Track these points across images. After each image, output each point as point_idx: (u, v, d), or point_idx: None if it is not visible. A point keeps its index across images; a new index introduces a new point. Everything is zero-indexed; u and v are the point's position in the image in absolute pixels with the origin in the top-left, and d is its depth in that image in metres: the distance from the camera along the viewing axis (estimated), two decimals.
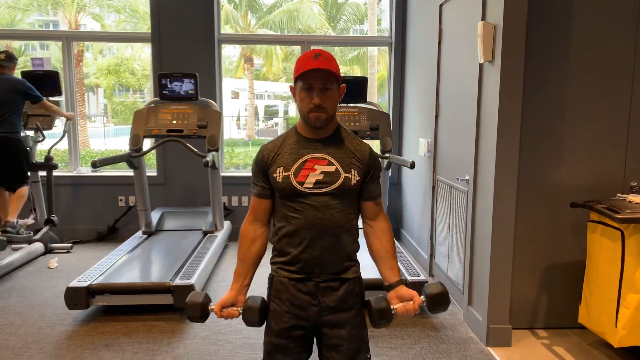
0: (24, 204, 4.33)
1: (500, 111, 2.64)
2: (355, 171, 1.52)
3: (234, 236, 4.94)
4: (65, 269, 4.08)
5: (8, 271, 3.92)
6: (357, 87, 4.31)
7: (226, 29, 13.90)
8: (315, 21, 14.66)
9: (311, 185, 1.48)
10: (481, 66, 2.86)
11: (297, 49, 5.59)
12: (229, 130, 14.22)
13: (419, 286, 3.15)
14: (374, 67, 13.07)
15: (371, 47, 12.87)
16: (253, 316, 1.55)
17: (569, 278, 2.90)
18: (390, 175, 4.70)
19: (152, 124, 4.12)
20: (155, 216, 4.62)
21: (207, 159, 3.73)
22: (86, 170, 5.15)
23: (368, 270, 3.53)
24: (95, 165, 3.42)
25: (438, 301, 1.50)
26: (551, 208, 2.87)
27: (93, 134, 13.87)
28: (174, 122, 4.13)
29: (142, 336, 2.88)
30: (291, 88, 1.56)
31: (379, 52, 12.47)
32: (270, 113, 17.88)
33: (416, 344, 2.79)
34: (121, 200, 5.05)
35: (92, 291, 3.06)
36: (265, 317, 1.59)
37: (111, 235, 5.03)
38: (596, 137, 2.83)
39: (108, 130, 15.40)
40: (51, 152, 4.54)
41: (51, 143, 4.57)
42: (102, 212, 5.03)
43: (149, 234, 4.38)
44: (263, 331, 1.62)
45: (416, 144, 4.38)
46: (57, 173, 4.70)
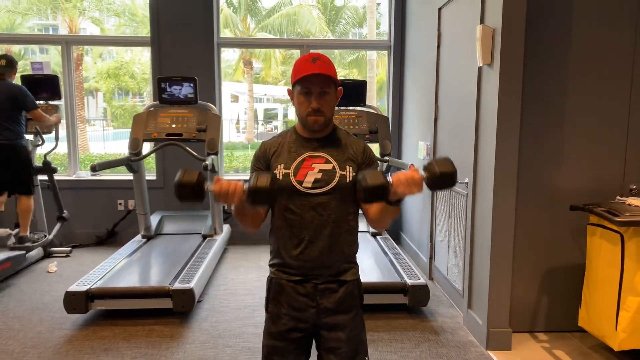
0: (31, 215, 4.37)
1: (499, 114, 2.64)
2: (350, 167, 1.53)
3: (234, 240, 4.94)
4: (64, 273, 4.07)
5: (7, 275, 3.91)
6: (356, 91, 4.32)
7: (225, 33, 13.93)
8: (314, 25, 14.70)
9: (310, 184, 1.49)
10: (480, 69, 2.86)
11: (296, 53, 5.60)
12: (229, 133, 14.23)
13: (419, 289, 3.15)
14: (373, 71, 13.10)
15: (370, 51, 12.91)
16: (264, 181, 1.28)
17: (569, 281, 2.90)
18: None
19: (152, 128, 4.12)
20: (154, 220, 4.61)
21: (207, 163, 3.73)
22: (85, 174, 5.15)
23: (367, 273, 3.52)
24: (94, 169, 3.42)
25: (439, 165, 1.31)
26: (551, 211, 2.87)
27: (92, 138, 13.88)
28: (174, 126, 4.13)
29: (141, 340, 2.87)
30: (289, 91, 1.57)
31: (378, 56, 12.50)
32: (269, 116, 17.91)
33: (416, 348, 2.79)
34: (120, 204, 5.04)
35: (91, 295, 3.05)
36: (276, 194, 1.34)
37: (110, 239, 5.02)
38: (595, 140, 2.83)
39: (107, 134, 15.40)
40: (50, 156, 4.54)
41: (49, 147, 4.57)
42: (102, 216, 5.02)
43: (148, 238, 4.37)
44: (262, 336, 1.62)
45: (415, 147, 4.39)
46: (56, 177, 4.69)
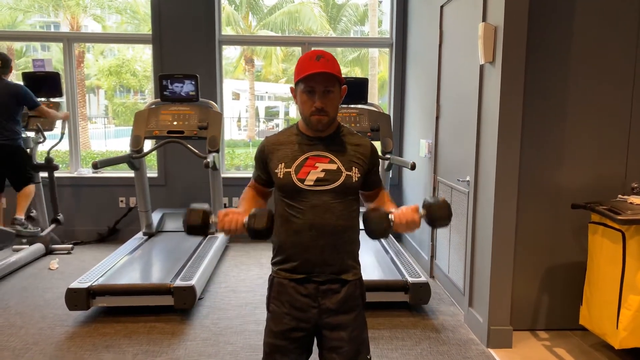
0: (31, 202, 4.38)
1: (501, 112, 2.64)
2: (356, 169, 1.53)
3: (235, 237, 4.94)
4: (66, 270, 4.08)
5: (9, 272, 3.93)
6: (358, 89, 4.32)
7: (227, 30, 13.92)
8: (316, 22, 14.67)
9: (312, 182, 1.48)
10: (482, 67, 2.86)
11: (298, 50, 5.60)
12: (230, 131, 14.21)
13: (420, 287, 3.16)
14: (375, 69, 13.08)
15: (372, 49, 12.88)
16: (261, 222, 1.41)
17: (570, 279, 2.90)
18: (391, 176, 4.71)
19: (153, 125, 4.12)
20: (155, 217, 4.62)
21: (208, 160, 3.73)
22: (87, 171, 5.15)
23: (369, 271, 3.52)
24: (96, 166, 3.43)
25: (437, 210, 1.45)
26: (552, 209, 2.87)
27: (94, 135, 13.88)
28: (175, 123, 4.13)
29: (143, 337, 2.88)
30: (292, 89, 1.56)
31: (380, 54, 12.48)
32: (270, 114, 17.89)
33: (417, 346, 2.79)
34: (122, 201, 5.05)
35: (93, 292, 3.06)
36: (272, 229, 1.45)
37: (112, 236, 5.03)
38: (597, 139, 2.83)
39: (109, 131, 15.40)
40: (52, 154, 4.55)
41: (51, 144, 4.58)
42: (103, 213, 5.03)
43: (150, 235, 4.38)
44: (263, 333, 1.62)
45: (417, 145, 4.38)
46: (58, 174, 4.70)
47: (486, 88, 2.82)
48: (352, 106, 4.36)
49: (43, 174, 4.60)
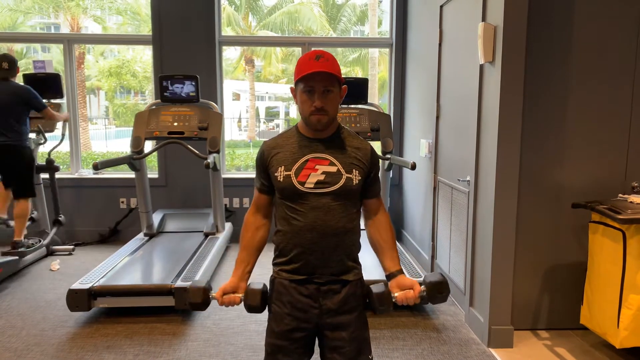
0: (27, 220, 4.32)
1: (501, 112, 2.64)
2: (356, 171, 1.52)
3: (236, 238, 4.94)
4: (67, 271, 4.08)
5: (10, 273, 3.93)
6: (358, 89, 4.32)
7: (227, 31, 13.93)
8: (315, 23, 14.68)
9: (312, 185, 1.48)
10: (482, 67, 2.86)
11: (297, 51, 5.60)
12: (230, 131, 14.23)
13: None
14: (375, 69, 13.08)
15: (372, 49, 12.88)
16: (255, 300, 1.55)
17: (571, 279, 2.90)
18: (391, 176, 4.71)
19: (154, 126, 4.13)
20: (156, 218, 4.62)
21: (208, 161, 3.73)
22: (88, 172, 5.16)
23: (369, 271, 3.53)
24: (96, 167, 3.43)
25: (438, 290, 1.50)
26: (552, 209, 2.87)
27: (94, 136, 13.89)
28: (175, 124, 4.14)
29: (144, 338, 2.88)
30: (292, 89, 1.56)
31: (380, 54, 12.48)
32: (271, 114, 17.90)
33: (418, 345, 2.79)
34: (123, 202, 5.06)
35: (94, 293, 3.06)
36: (266, 303, 1.59)
37: (113, 237, 5.04)
38: (597, 138, 2.83)
39: (109, 132, 15.42)
40: (52, 155, 4.55)
41: (52, 146, 4.58)
42: (104, 214, 5.04)
43: (151, 236, 4.38)
44: (264, 333, 1.62)
45: (417, 145, 4.38)
46: (59, 175, 4.71)
47: (486, 88, 2.82)
48: (353, 106, 4.36)
49: (44, 175, 4.60)
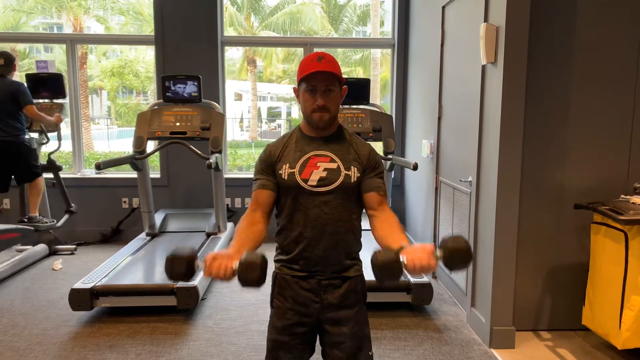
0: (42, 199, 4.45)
1: (503, 112, 2.64)
2: (355, 168, 1.55)
3: None
4: (69, 271, 4.09)
5: (13, 272, 3.94)
6: (360, 89, 4.32)
7: (229, 31, 13.95)
8: (317, 23, 14.68)
9: (315, 182, 1.51)
10: (484, 68, 2.86)
11: (299, 51, 5.60)
12: (232, 132, 14.24)
13: (422, 288, 3.16)
14: (377, 69, 13.07)
15: (374, 49, 12.88)
16: (253, 271, 1.25)
17: (573, 280, 2.89)
18: (393, 176, 4.71)
19: (156, 126, 4.13)
20: (158, 218, 4.63)
21: (210, 161, 3.74)
22: (90, 172, 5.17)
23: (371, 271, 3.52)
24: (99, 167, 3.44)
25: (456, 251, 1.27)
26: (554, 209, 2.87)
27: (97, 136, 13.92)
28: (178, 124, 4.15)
29: (146, 338, 2.89)
30: (295, 89, 1.60)
31: (382, 54, 12.47)
32: (273, 115, 17.90)
33: (419, 346, 2.79)
34: (125, 202, 5.07)
35: (96, 293, 3.07)
36: (265, 277, 1.29)
37: (115, 236, 5.05)
38: (599, 139, 2.82)
39: (112, 132, 15.44)
40: (53, 156, 4.56)
41: (50, 150, 4.59)
42: (106, 214, 5.05)
43: (153, 236, 4.39)
44: (266, 333, 1.63)
45: (419, 146, 4.38)
46: (61, 175, 4.72)
47: (488, 88, 2.82)
48: (355, 107, 4.37)
49: (48, 175, 4.61)
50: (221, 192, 4.45)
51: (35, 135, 4.50)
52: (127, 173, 4.98)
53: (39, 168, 4.38)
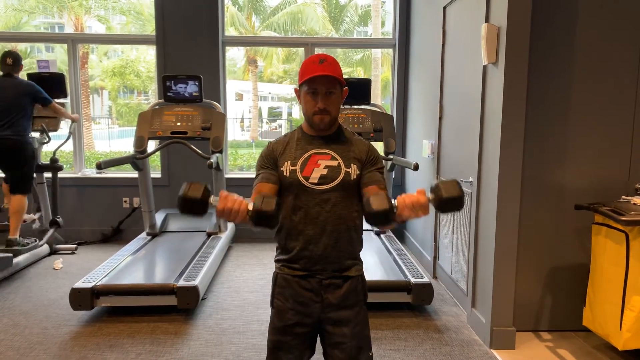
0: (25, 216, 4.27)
1: (504, 113, 2.64)
2: (354, 165, 1.56)
3: (238, 238, 4.96)
4: (70, 270, 4.10)
5: (13, 272, 3.95)
6: (361, 89, 4.32)
7: (230, 31, 13.95)
8: (318, 23, 14.68)
9: (316, 180, 1.52)
10: (485, 68, 2.86)
11: (299, 51, 5.60)
12: (233, 132, 14.23)
13: (422, 288, 3.15)
14: (378, 69, 13.07)
15: (375, 49, 12.88)
16: (269, 205, 1.28)
17: (573, 280, 2.89)
18: (393, 177, 4.71)
19: (157, 126, 4.14)
20: (159, 218, 4.63)
21: (211, 161, 3.74)
22: (91, 171, 5.17)
23: (371, 272, 3.52)
24: (100, 166, 3.44)
25: (447, 191, 1.30)
26: (555, 210, 2.87)
27: (98, 136, 13.92)
28: (178, 124, 4.15)
29: (146, 337, 2.89)
30: (296, 90, 1.61)
31: (383, 54, 12.47)
32: (273, 115, 17.91)
33: (419, 346, 2.79)
34: (125, 201, 5.07)
35: (97, 292, 3.07)
36: (278, 217, 1.34)
37: (115, 236, 5.05)
38: (600, 139, 2.82)
39: (113, 132, 15.44)
40: (56, 154, 4.57)
41: (56, 145, 4.60)
42: (107, 214, 5.05)
43: (153, 236, 4.39)
44: (266, 333, 1.63)
45: (420, 146, 4.38)
46: (62, 175, 4.73)
47: (489, 89, 2.82)
48: (355, 107, 4.37)
49: (47, 175, 4.62)
50: None
51: (36, 134, 4.51)
52: (128, 173, 4.99)
53: (31, 182, 4.23)
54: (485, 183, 2.89)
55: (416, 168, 3.61)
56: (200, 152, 3.90)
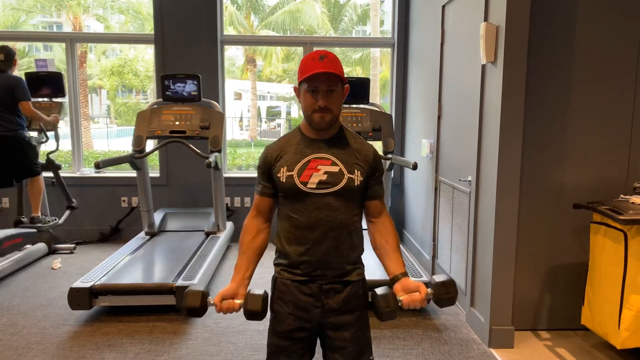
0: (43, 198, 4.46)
1: (502, 112, 2.64)
2: (358, 172, 1.52)
3: (237, 237, 4.91)
4: (68, 270, 4.09)
5: (12, 271, 3.94)
6: (360, 88, 4.32)
7: (229, 30, 13.93)
8: (317, 21, 14.67)
9: (314, 185, 1.48)
10: (484, 67, 2.86)
11: (298, 50, 5.60)
12: (232, 131, 14.23)
13: None
14: (377, 68, 13.07)
15: (373, 48, 12.87)
16: (255, 305, 1.48)
17: (572, 279, 2.89)
18: (392, 176, 4.70)
19: (155, 125, 4.13)
20: (158, 217, 4.63)
21: (210, 160, 3.74)
22: (89, 171, 5.17)
23: (372, 271, 3.53)
24: (98, 166, 3.44)
25: (445, 292, 1.46)
26: (554, 209, 2.87)
27: (96, 135, 13.91)
28: (177, 123, 4.14)
29: (145, 337, 2.88)
30: (295, 89, 1.56)
31: (382, 53, 12.47)
32: (272, 114, 17.90)
33: (418, 345, 2.79)
34: (124, 201, 5.06)
35: (95, 292, 3.07)
36: (266, 310, 1.52)
37: (114, 236, 5.04)
38: (599, 138, 2.82)
39: (111, 131, 15.42)
40: (52, 155, 4.56)
41: (51, 148, 4.58)
42: (105, 213, 5.04)
43: (152, 235, 4.39)
44: (265, 332, 1.62)
45: (419, 145, 4.38)
46: (61, 174, 4.71)
47: (488, 88, 2.82)
48: (354, 106, 4.36)
49: (47, 174, 4.61)
50: (220, 191, 4.45)
51: (34, 134, 4.50)
52: (127, 172, 4.98)
53: (39, 166, 4.37)
54: (484, 182, 2.89)
55: (415, 167, 3.61)
56: (199, 152, 3.90)
